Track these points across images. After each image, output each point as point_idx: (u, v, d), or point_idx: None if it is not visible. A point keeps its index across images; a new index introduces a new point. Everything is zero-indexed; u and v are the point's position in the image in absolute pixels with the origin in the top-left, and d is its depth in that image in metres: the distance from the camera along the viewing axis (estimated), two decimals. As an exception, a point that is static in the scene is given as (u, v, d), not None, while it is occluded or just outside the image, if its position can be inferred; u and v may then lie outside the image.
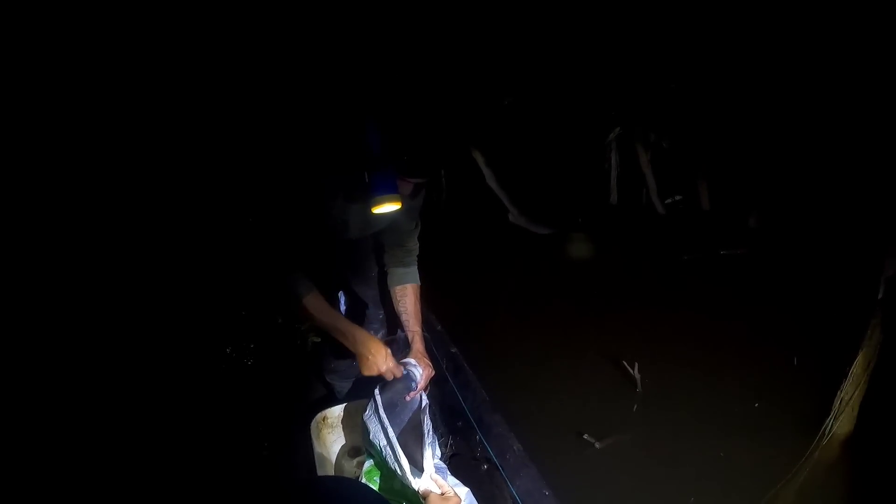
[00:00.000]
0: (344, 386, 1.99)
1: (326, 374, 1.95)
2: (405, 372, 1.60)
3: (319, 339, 1.63)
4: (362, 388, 1.99)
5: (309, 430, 1.81)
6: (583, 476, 1.93)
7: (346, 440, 1.92)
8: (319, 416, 1.85)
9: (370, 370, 1.53)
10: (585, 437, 2.08)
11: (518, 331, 2.77)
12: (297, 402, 1.95)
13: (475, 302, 2.99)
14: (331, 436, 1.90)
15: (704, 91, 3.50)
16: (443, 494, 1.23)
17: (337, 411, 1.89)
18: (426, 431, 1.46)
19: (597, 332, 2.69)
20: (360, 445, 1.93)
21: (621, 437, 2.11)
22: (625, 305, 2.89)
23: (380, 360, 1.52)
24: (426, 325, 2.14)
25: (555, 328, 2.76)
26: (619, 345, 2.53)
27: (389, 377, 1.56)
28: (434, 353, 2.08)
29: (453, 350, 2.08)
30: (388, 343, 1.62)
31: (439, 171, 1.42)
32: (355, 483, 0.81)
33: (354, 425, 1.91)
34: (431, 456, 1.40)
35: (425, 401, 1.64)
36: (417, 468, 1.35)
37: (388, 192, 1.31)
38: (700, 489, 1.87)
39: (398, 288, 1.79)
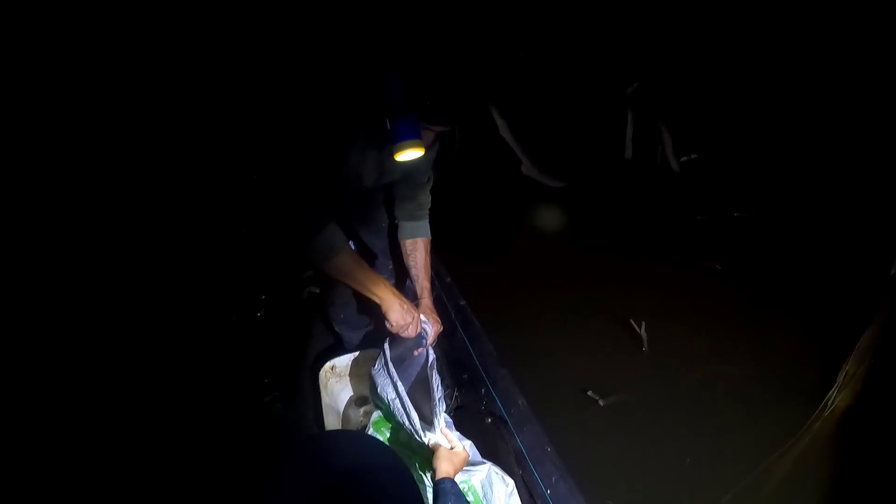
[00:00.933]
0: (353, 337, 1.99)
1: (336, 324, 1.96)
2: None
3: (318, 290, 1.62)
4: (371, 340, 2.02)
5: (317, 379, 1.84)
6: (584, 433, 1.94)
7: (353, 390, 1.95)
8: (327, 365, 1.87)
9: (402, 319, 1.54)
10: (590, 393, 2.09)
11: (526, 285, 2.74)
12: (305, 351, 1.96)
13: (484, 254, 2.96)
14: (338, 385, 1.92)
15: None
16: (452, 448, 1.25)
17: (345, 361, 1.90)
18: (435, 386, 1.48)
19: (606, 289, 2.66)
20: (366, 395, 1.96)
21: (625, 395, 2.11)
22: (636, 263, 2.84)
23: (408, 316, 1.54)
24: (436, 276, 2.14)
25: (564, 283, 2.72)
26: (627, 303, 2.50)
27: (412, 334, 1.57)
28: (445, 303, 2.08)
29: (462, 302, 2.08)
30: None
31: (461, 119, 1.36)
32: (364, 436, 0.81)
33: (362, 375, 1.93)
34: (440, 410, 1.41)
35: (432, 356, 1.64)
36: (427, 422, 1.37)
37: (412, 137, 1.26)
38: (697, 450, 1.89)
39: (409, 242, 1.77)
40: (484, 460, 1.53)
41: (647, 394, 2.13)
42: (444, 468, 1.16)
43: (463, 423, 1.86)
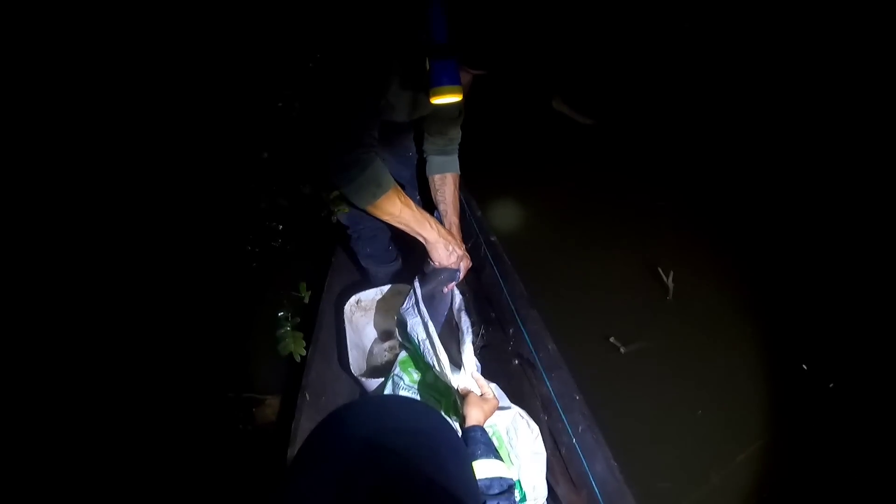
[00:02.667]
0: (379, 272, 1.96)
1: (362, 259, 1.91)
2: None
3: (347, 210, 1.57)
4: (397, 277, 1.97)
5: (342, 313, 1.82)
6: (602, 378, 1.92)
7: (378, 325, 1.94)
8: (353, 299, 1.85)
9: (446, 259, 1.56)
10: (612, 340, 2.05)
11: (555, 224, 2.63)
12: (328, 284, 1.93)
13: (515, 189, 2.82)
14: (363, 319, 1.91)
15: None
16: (482, 395, 1.21)
17: (371, 295, 1.88)
18: (464, 329, 1.44)
19: (636, 234, 2.53)
20: (391, 331, 1.95)
21: (646, 344, 2.07)
22: (670, 209, 2.67)
23: (457, 247, 1.57)
24: (466, 209, 2.04)
25: (594, 225, 2.61)
26: (656, 249, 2.40)
27: (456, 266, 1.58)
28: (476, 237, 2.00)
29: (493, 238, 1.98)
30: None
31: (504, 64, 1.26)
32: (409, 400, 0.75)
33: (388, 311, 1.91)
34: (472, 354, 1.37)
35: (459, 297, 1.60)
36: (456, 365, 1.34)
37: (452, 82, 1.19)
38: (710, 401, 1.89)
39: (437, 177, 1.73)
40: (510, 404, 1.50)
41: (668, 344, 2.08)
42: (474, 415, 1.13)
43: (489, 364, 1.83)
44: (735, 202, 2.68)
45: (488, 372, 1.81)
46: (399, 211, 1.44)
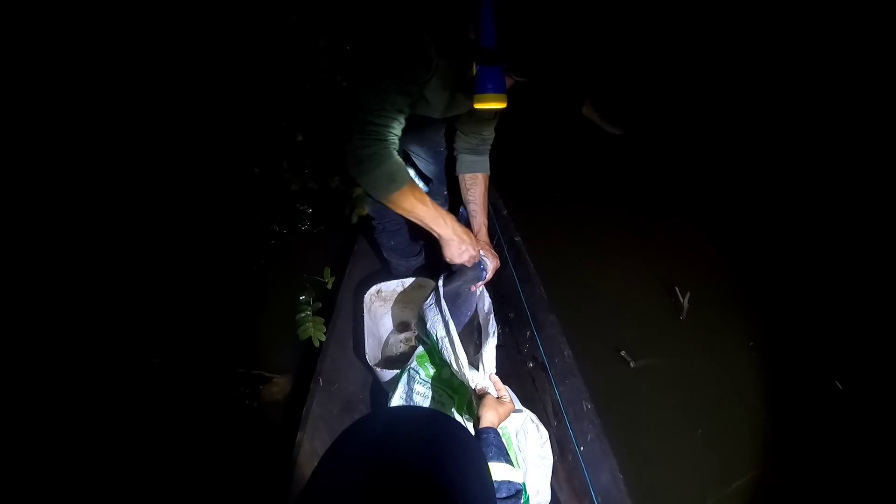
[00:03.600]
0: (401, 265, 1.97)
1: (385, 251, 1.93)
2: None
3: (367, 213, 1.58)
4: (420, 270, 1.99)
5: (362, 301, 1.84)
6: (612, 390, 1.93)
7: (396, 316, 1.95)
8: (373, 289, 1.87)
9: (461, 257, 1.52)
10: (623, 353, 2.05)
11: (580, 231, 2.62)
12: (350, 272, 1.95)
13: (540, 192, 2.82)
14: (382, 309, 1.93)
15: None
16: (499, 398, 1.22)
17: (392, 286, 1.90)
18: (491, 332, 1.44)
19: (657, 249, 2.52)
20: (409, 322, 1.96)
21: (656, 361, 2.07)
22: (691, 227, 2.64)
23: (471, 245, 1.52)
24: (493, 207, 2.05)
25: (614, 235, 2.60)
26: (674, 269, 2.40)
27: (470, 263, 1.55)
28: (499, 237, 2.00)
29: (517, 238, 1.98)
30: None
31: (551, 73, 1.24)
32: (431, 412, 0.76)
33: (407, 303, 1.92)
34: (493, 356, 1.38)
35: (488, 301, 1.61)
36: (473, 366, 1.35)
37: (497, 90, 1.17)
38: (713, 425, 1.89)
39: (468, 176, 1.71)
40: (521, 408, 1.52)
41: (677, 363, 2.08)
42: (489, 418, 1.14)
43: (503, 364, 1.83)
44: (758, 227, 2.65)
45: (501, 372, 1.80)
46: (412, 206, 1.42)
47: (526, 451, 1.46)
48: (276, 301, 2.21)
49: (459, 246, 1.50)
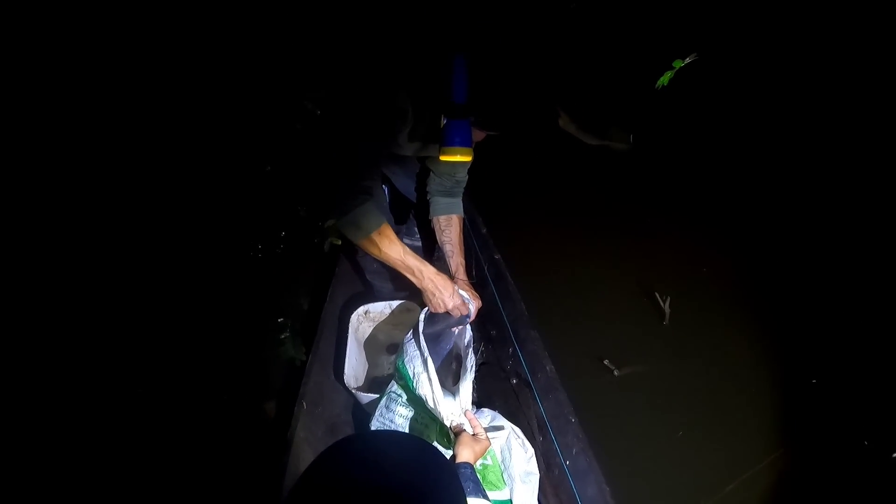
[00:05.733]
0: (384, 287, 1.98)
1: (368, 273, 1.94)
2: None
3: (340, 243, 1.60)
4: (404, 290, 1.99)
5: (347, 322, 1.84)
6: (597, 401, 1.95)
7: (384, 338, 1.95)
8: (361, 309, 1.87)
9: (436, 307, 1.53)
10: (606, 362, 2.08)
11: (558, 243, 2.66)
12: (331, 295, 1.95)
13: (518, 207, 2.86)
14: (369, 330, 1.93)
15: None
16: (475, 435, 1.23)
17: (379, 308, 1.90)
18: (468, 366, 1.44)
19: (636, 257, 2.56)
20: (396, 344, 1.96)
21: (641, 368, 2.10)
22: (670, 233, 2.70)
23: (447, 296, 1.51)
24: (471, 225, 2.07)
25: (595, 246, 2.64)
26: (655, 274, 2.43)
27: (456, 314, 1.55)
28: (478, 255, 2.02)
29: (497, 256, 2.00)
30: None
31: (517, 128, 1.32)
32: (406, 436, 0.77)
33: (396, 324, 1.93)
34: (469, 391, 1.38)
35: (469, 334, 1.62)
36: (452, 396, 1.35)
37: (463, 143, 1.24)
38: (702, 428, 1.91)
39: (443, 218, 1.73)
40: (504, 425, 1.52)
41: (662, 369, 2.10)
42: (464, 455, 1.15)
43: (486, 380, 1.85)
44: (736, 228, 2.70)
45: (486, 390, 1.83)
46: (379, 253, 1.48)
47: (512, 467, 1.46)
48: (258, 323, 2.19)
49: (433, 295, 1.51)
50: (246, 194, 1.85)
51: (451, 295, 1.51)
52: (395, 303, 1.91)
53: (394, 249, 1.47)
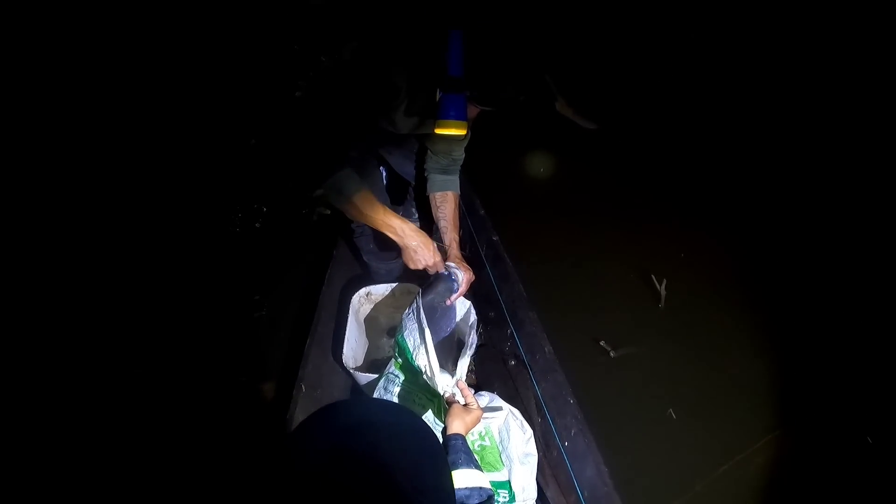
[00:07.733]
0: (381, 268, 1.97)
1: (364, 254, 1.93)
2: (447, 272, 1.58)
3: (329, 212, 1.61)
4: (399, 273, 1.99)
5: (346, 304, 1.83)
6: (596, 382, 1.96)
7: (385, 319, 1.95)
8: (363, 291, 1.87)
9: (416, 263, 1.56)
10: (602, 343, 2.09)
11: (556, 226, 2.64)
12: (330, 276, 1.94)
13: (516, 189, 2.85)
14: (371, 311, 1.92)
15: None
16: (466, 406, 1.23)
17: (381, 290, 1.90)
18: (469, 344, 1.44)
19: (634, 241, 2.57)
20: (396, 326, 1.96)
21: (636, 349, 2.11)
22: (668, 218, 2.69)
23: (426, 253, 1.54)
24: (468, 207, 2.05)
25: (592, 229, 2.63)
26: (651, 257, 2.44)
27: (432, 271, 1.57)
28: (474, 237, 2.01)
29: (495, 238, 1.99)
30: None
31: (513, 104, 1.32)
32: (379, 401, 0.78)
33: (397, 307, 1.92)
34: (466, 364, 1.38)
35: (474, 316, 1.64)
36: (448, 373, 1.35)
37: (458, 117, 1.24)
38: (697, 409, 1.93)
39: (438, 194, 1.74)
40: (502, 406, 1.53)
41: (658, 351, 2.11)
42: (455, 426, 1.14)
43: (485, 363, 1.86)
44: (731, 211, 2.71)
45: (485, 371, 1.84)
46: (360, 215, 1.52)
47: (510, 448, 1.47)
48: (256, 306, 2.19)
49: (414, 252, 1.54)
50: (236, 168, 1.83)
51: (432, 253, 1.55)
52: (395, 285, 1.90)
53: (375, 210, 1.51)
